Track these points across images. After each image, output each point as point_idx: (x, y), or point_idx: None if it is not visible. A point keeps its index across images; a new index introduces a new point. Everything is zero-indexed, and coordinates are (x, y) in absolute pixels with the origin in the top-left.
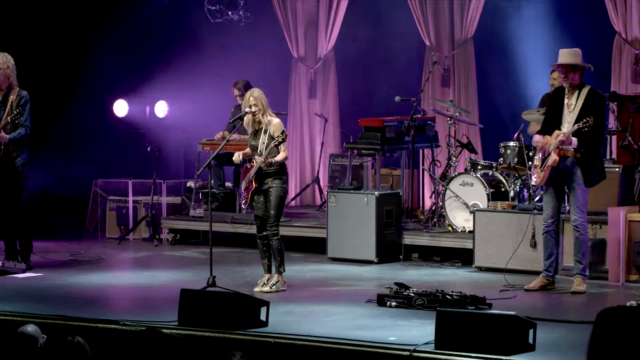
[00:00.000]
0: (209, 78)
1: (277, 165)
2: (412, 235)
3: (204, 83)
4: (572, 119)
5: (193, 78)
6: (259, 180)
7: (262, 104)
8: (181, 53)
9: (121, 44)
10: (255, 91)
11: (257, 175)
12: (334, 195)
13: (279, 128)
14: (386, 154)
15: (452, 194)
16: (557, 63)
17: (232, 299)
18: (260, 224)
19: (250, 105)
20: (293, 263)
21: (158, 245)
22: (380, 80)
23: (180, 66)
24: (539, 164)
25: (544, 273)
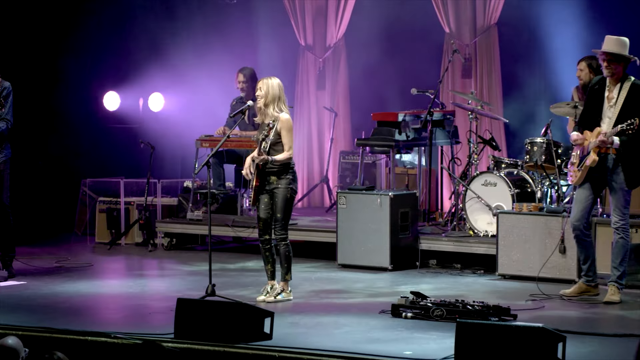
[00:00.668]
0: (208, 68)
1: (280, 164)
2: (429, 240)
3: (203, 73)
4: (614, 115)
5: (191, 68)
6: (262, 178)
7: (267, 90)
8: (177, 40)
9: (111, 29)
10: (271, 79)
11: (259, 172)
12: (344, 196)
13: (286, 125)
14: (401, 151)
15: (473, 194)
16: (600, 50)
17: (233, 310)
18: (263, 227)
19: (258, 88)
20: (300, 270)
21: (152, 250)
22: (395, 71)
23: (177, 55)
24: (576, 162)
25: (583, 278)
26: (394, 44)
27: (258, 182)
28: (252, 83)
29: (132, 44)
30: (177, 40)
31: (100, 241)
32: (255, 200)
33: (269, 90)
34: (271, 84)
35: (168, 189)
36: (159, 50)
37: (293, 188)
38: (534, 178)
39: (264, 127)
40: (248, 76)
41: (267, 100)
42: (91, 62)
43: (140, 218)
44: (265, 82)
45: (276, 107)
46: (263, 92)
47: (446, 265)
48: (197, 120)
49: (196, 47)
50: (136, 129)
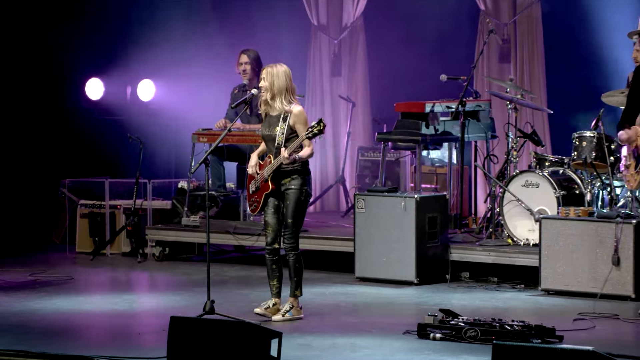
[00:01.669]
0: (206, 51)
1: (293, 163)
2: (461, 249)
3: (201, 57)
4: None
5: (186, 51)
6: (276, 182)
7: (272, 80)
8: (171, 19)
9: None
10: (276, 66)
11: (274, 175)
12: (363, 199)
13: (302, 119)
14: (429, 146)
15: (512, 197)
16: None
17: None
18: (270, 234)
19: (260, 79)
20: (312, 284)
21: (142, 261)
22: (421, 55)
23: (170, 36)
24: (631, 164)
25: None
26: (421, 23)
27: (274, 187)
28: (257, 67)
29: (119, 22)
30: (171, 19)
31: (81, 251)
32: (263, 206)
33: (274, 81)
34: (276, 73)
35: (160, 190)
36: (150, 30)
37: (307, 190)
38: (583, 178)
39: (272, 119)
40: (252, 59)
41: (273, 94)
42: (70, 44)
43: (127, 224)
44: (270, 72)
45: (284, 100)
46: (267, 83)
47: (481, 279)
48: (193, 112)
49: (191, 26)
50: (123, 121)
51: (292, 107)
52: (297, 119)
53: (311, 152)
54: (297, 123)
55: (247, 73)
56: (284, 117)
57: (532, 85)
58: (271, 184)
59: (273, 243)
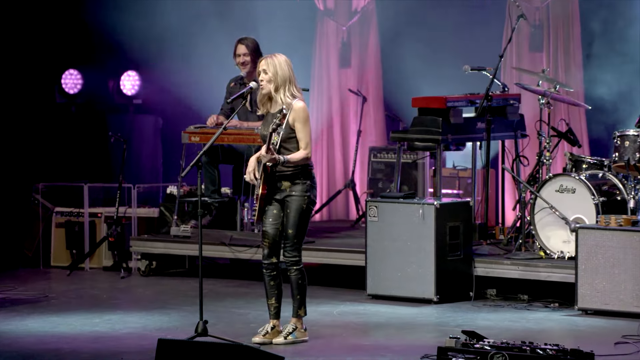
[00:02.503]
0: (198, 39)
1: (295, 166)
2: (487, 263)
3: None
4: None
5: (176, 39)
6: (270, 184)
7: (275, 71)
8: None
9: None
10: (275, 56)
11: (267, 176)
12: (375, 206)
13: (302, 116)
14: (451, 147)
15: (544, 204)
16: None
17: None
18: (270, 247)
19: (259, 72)
20: (318, 302)
21: (125, 277)
22: (441, 43)
23: (158, 23)
24: None
25: None
26: (440, 7)
27: (266, 190)
28: (257, 58)
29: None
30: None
31: (57, 265)
32: (260, 214)
33: (277, 72)
34: (278, 63)
35: (146, 196)
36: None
37: (311, 197)
38: (625, 183)
39: (271, 116)
40: (251, 49)
41: (277, 85)
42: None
43: (109, 235)
44: (271, 62)
45: (287, 93)
46: (270, 74)
47: (509, 297)
48: (184, 107)
49: (183, 11)
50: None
51: (294, 103)
52: (297, 116)
53: (305, 156)
54: (297, 121)
55: (246, 65)
56: (284, 115)
57: (567, 77)
58: (262, 187)
59: (271, 256)
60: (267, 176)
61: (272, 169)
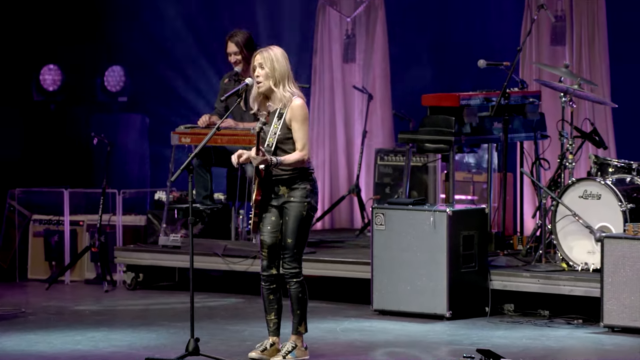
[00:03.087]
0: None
1: (293, 169)
2: (504, 275)
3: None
4: None
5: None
6: (266, 189)
7: (273, 66)
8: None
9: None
10: (271, 49)
11: (261, 180)
12: (382, 214)
13: (300, 114)
14: (464, 149)
15: (567, 211)
16: None
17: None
18: (268, 257)
19: (255, 67)
20: (319, 318)
21: (110, 290)
22: (454, 35)
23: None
24: None
25: None
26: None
27: (260, 196)
28: (249, 53)
29: None
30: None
31: (35, 277)
32: (257, 223)
33: (275, 67)
34: (275, 57)
35: (132, 203)
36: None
37: (311, 203)
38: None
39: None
40: (242, 44)
41: (275, 81)
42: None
43: (92, 245)
44: (267, 56)
45: (286, 89)
46: (267, 69)
47: (528, 312)
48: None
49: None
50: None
51: (293, 100)
52: (294, 114)
53: (300, 158)
54: (294, 120)
55: (238, 63)
56: (280, 113)
57: (592, 73)
58: (256, 192)
59: (270, 268)
60: (261, 181)
61: (266, 172)
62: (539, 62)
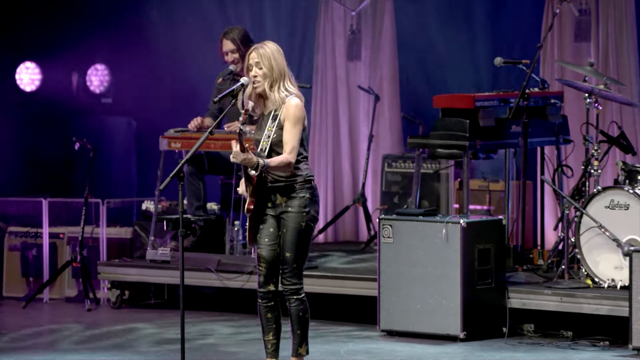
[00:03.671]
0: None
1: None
2: (524, 293)
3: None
4: None
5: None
6: (260, 198)
7: (271, 65)
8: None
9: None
10: (267, 45)
11: (254, 188)
12: (390, 225)
13: (293, 113)
14: (480, 154)
15: (592, 223)
16: None
17: None
18: (266, 272)
19: (251, 66)
20: (322, 339)
21: (92, 309)
22: (468, 31)
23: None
24: None
25: None
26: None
27: (253, 205)
28: (246, 50)
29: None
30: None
31: (10, 295)
32: (252, 234)
33: (272, 65)
34: (272, 54)
35: (117, 213)
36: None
37: (311, 213)
38: None
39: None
40: (239, 41)
41: (272, 81)
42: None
43: (73, 259)
44: (264, 54)
45: (282, 88)
46: (265, 68)
47: (550, 333)
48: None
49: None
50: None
51: (289, 99)
52: (287, 114)
53: (287, 162)
54: (287, 119)
55: (237, 63)
56: (275, 115)
57: (620, 71)
58: (249, 201)
59: (268, 284)
60: (254, 188)
61: (259, 179)
62: (562, 59)
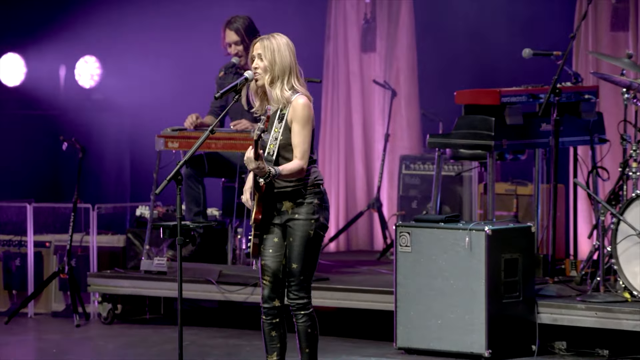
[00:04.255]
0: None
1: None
2: (555, 307)
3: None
4: None
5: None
6: (267, 205)
7: (273, 59)
8: None
9: None
10: (275, 37)
11: (261, 195)
12: (408, 233)
13: (301, 114)
14: (506, 155)
15: (630, 230)
16: None
17: None
18: (271, 285)
19: (253, 57)
20: (333, 358)
21: (82, 325)
22: (493, 20)
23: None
24: None
25: None
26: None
27: (261, 214)
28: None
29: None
30: None
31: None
32: (257, 245)
33: (275, 59)
34: (277, 47)
35: (109, 220)
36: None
37: (320, 220)
38: None
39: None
40: (243, 31)
41: (273, 77)
42: None
43: (61, 270)
44: (269, 46)
45: (285, 86)
46: (266, 61)
47: (584, 352)
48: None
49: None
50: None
51: (295, 98)
52: (295, 115)
53: (299, 168)
54: (294, 120)
55: (241, 56)
56: (282, 115)
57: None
58: (256, 210)
59: (272, 299)
60: (262, 195)
61: (267, 186)
62: (597, 51)
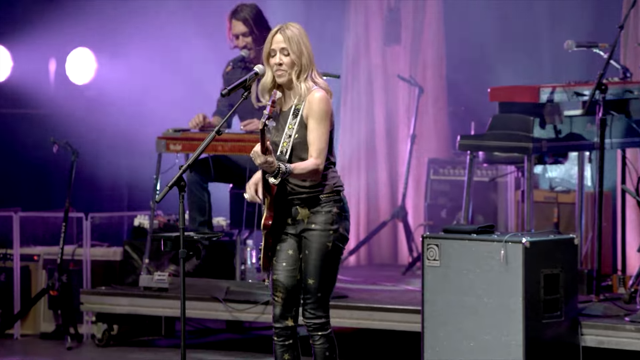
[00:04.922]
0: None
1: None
2: (601, 329)
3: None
4: None
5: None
6: (279, 212)
7: (300, 50)
8: None
9: None
10: (294, 27)
11: (272, 200)
12: (436, 245)
13: (318, 109)
14: (546, 159)
15: None
16: None
17: None
18: (284, 303)
19: (274, 51)
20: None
21: (74, 347)
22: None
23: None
24: None
25: None
26: None
27: (271, 221)
28: (260, 33)
29: None
30: None
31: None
32: (269, 257)
33: (302, 50)
34: (300, 38)
35: (104, 230)
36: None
37: (339, 231)
38: None
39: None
40: (252, 21)
41: (300, 70)
42: None
43: (51, 286)
44: (292, 37)
45: (309, 78)
46: (294, 55)
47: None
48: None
49: None
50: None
51: (314, 91)
52: (311, 109)
53: (314, 168)
54: (310, 116)
55: (249, 47)
56: (296, 110)
57: None
58: (267, 216)
59: (285, 318)
60: (273, 200)
61: (279, 187)
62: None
